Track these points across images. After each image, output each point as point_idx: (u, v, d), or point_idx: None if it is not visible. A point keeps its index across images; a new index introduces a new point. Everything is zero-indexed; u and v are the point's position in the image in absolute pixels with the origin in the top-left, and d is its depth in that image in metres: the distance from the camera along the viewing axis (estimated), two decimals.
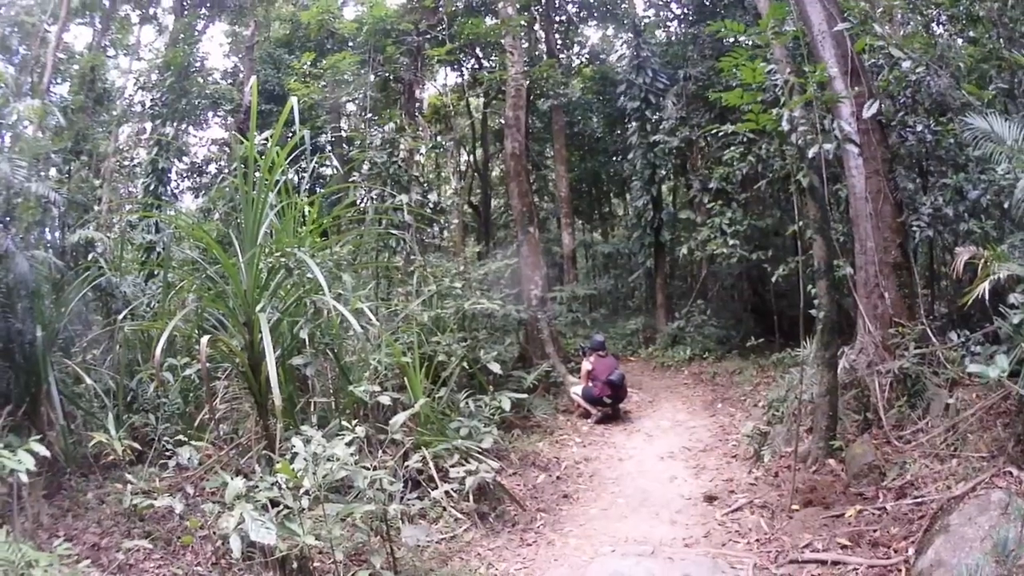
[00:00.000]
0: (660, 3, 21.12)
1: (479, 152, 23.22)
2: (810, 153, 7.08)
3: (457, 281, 10.24)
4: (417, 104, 17.84)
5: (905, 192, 9.18)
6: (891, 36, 9.33)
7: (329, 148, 14.81)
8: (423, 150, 15.77)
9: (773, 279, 12.36)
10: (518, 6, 16.21)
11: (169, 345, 6.42)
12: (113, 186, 17.89)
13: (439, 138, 19.83)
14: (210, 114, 21.92)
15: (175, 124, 18.77)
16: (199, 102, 19.50)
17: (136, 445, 6.42)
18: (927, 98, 9.57)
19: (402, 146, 13.06)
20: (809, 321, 7.84)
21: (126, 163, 19.92)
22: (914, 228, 8.94)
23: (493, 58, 19.54)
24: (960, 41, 10.56)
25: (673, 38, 20.67)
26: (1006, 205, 7.67)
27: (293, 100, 6.20)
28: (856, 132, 8.50)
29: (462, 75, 20.40)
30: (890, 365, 8.08)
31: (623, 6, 22.44)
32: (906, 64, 8.39)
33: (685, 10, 20.20)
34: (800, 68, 7.66)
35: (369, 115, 14.96)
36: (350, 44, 16.94)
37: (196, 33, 20.73)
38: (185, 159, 21.39)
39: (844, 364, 8.31)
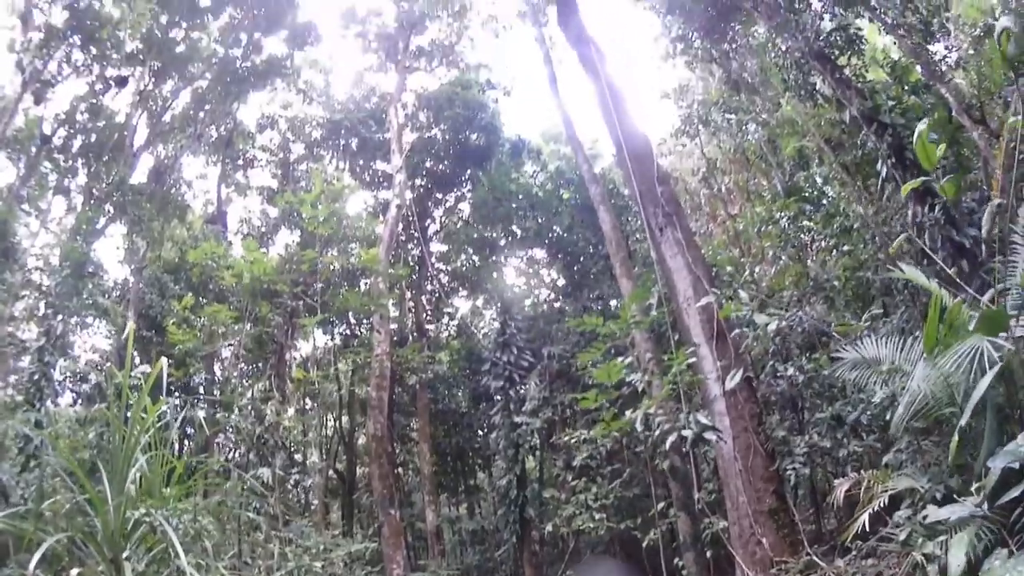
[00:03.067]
0: (530, 271, 22.41)
1: (345, 419, 22.89)
2: (667, 444, 7.14)
3: (317, 560, 10.10)
4: (287, 365, 17.72)
5: (777, 439, 9.39)
6: (757, 291, 9.85)
7: (201, 393, 14.25)
8: (290, 413, 15.51)
9: (644, 544, 12.27)
10: (390, 283, 16.99)
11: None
12: (2, 355, 16.25)
13: (307, 399, 19.54)
14: (98, 321, 20.87)
15: (64, 319, 17.62)
16: (89, 309, 18.66)
17: None
18: (798, 336, 9.93)
19: (268, 412, 12.88)
20: None
21: (17, 335, 18.32)
22: (789, 472, 9.04)
23: (365, 324, 19.96)
24: (834, 254, 11.29)
25: (540, 310, 21.83)
26: (888, 417, 7.72)
27: (163, 362, 6.30)
28: (722, 396, 8.80)
29: (333, 338, 20.65)
30: None
31: (494, 275, 23.29)
32: (772, 326, 8.67)
33: (555, 280, 21.52)
34: (662, 355, 7.94)
35: (242, 365, 14.71)
36: (230, 294, 17.05)
37: (96, 228, 20.08)
38: (69, 359, 19.79)
39: None
